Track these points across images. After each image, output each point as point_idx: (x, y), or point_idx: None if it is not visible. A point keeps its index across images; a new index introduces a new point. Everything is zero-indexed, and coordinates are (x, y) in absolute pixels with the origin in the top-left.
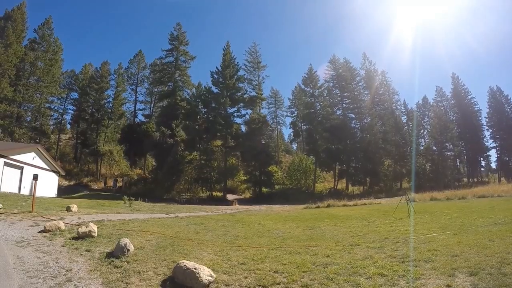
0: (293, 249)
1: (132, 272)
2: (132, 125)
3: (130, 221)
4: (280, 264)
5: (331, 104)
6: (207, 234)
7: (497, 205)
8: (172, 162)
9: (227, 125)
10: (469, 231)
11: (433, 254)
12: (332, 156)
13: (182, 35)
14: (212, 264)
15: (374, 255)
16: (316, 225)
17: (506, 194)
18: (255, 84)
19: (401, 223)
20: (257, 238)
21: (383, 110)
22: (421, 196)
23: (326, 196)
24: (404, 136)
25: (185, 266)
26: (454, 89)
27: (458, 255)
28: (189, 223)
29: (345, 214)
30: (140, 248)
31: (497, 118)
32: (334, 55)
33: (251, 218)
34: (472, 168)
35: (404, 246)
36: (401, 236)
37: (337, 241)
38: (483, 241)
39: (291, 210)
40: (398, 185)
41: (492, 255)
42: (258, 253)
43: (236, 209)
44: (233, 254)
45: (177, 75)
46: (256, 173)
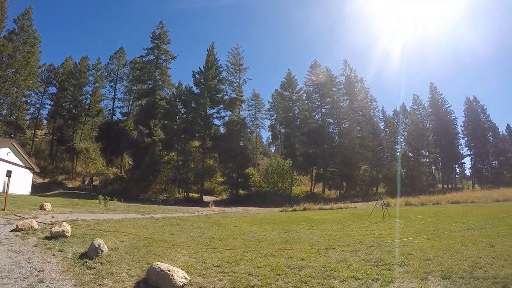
0: (268, 252)
1: (106, 274)
2: (110, 123)
3: (105, 221)
4: (255, 267)
5: (310, 109)
6: (182, 236)
7: (470, 211)
8: (149, 162)
9: (206, 126)
10: (442, 236)
11: (407, 258)
12: (309, 160)
13: (164, 34)
14: (187, 266)
15: (349, 258)
16: (292, 228)
17: (479, 200)
18: (236, 86)
19: (376, 227)
20: (233, 241)
21: (362, 116)
22: (396, 201)
23: (302, 199)
24: (381, 142)
25: (159, 268)
26: (431, 98)
27: (431, 259)
28: (164, 224)
29: (321, 218)
30: (114, 249)
31: (473, 127)
32: (315, 61)
33: (227, 220)
34: (447, 174)
35: (379, 250)
36: (376, 240)
37: (312, 244)
38: (456, 246)
39: (268, 212)
40: (374, 190)
41: (465, 259)
42: (233, 256)
43: (213, 210)
44: (208, 256)
45: (157, 74)
46: (234, 175)
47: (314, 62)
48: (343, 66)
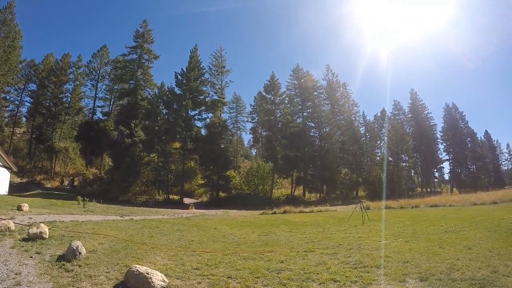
0: (247, 254)
1: (84, 277)
2: (90, 122)
3: (83, 222)
4: (234, 269)
5: (291, 112)
6: (161, 238)
7: (448, 214)
8: (129, 163)
9: (187, 127)
10: (420, 239)
11: (385, 260)
12: (290, 163)
13: (148, 33)
14: (166, 269)
15: (328, 261)
16: (272, 231)
17: (457, 204)
18: (218, 88)
19: (356, 230)
20: (212, 243)
21: (343, 120)
22: (376, 204)
23: (283, 202)
24: (362, 146)
25: (137, 270)
26: (412, 103)
27: (409, 261)
28: (143, 226)
29: (301, 221)
30: (92, 252)
31: (451, 133)
32: (297, 65)
33: (207, 223)
34: (426, 178)
35: (357, 253)
36: (355, 243)
37: (291, 247)
38: (434, 248)
39: (248, 215)
40: (354, 193)
41: (442, 262)
42: (213, 258)
43: (193, 213)
44: (187, 259)
45: (139, 73)
46: (214, 177)
47: (297, 66)
48: (326, 71)
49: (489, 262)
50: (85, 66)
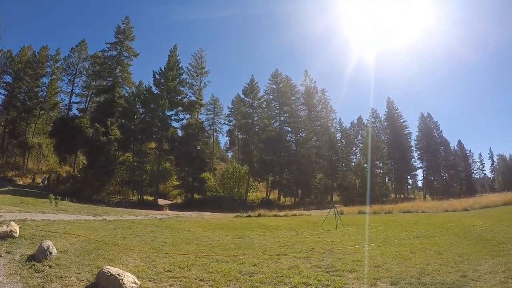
0: (220, 257)
1: (54, 277)
2: (65, 119)
3: (55, 222)
4: (207, 272)
5: (268, 116)
6: (134, 240)
7: (420, 220)
8: (104, 162)
9: (163, 127)
10: (392, 243)
11: (357, 264)
12: (265, 167)
13: (129, 30)
14: (138, 271)
15: (300, 264)
16: (246, 234)
17: (429, 210)
18: (196, 89)
19: (329, 234)
20: (185, 245)
21: (319, 126)
22: (350, 210)
23: (258, 205)
24: (337, 152)
25: (108, 272)
26: (388, 112)
27: (380, 266)
28: (116, 227)
29: (275, 224)
30: (63, 252)
31: (426, 141)
32: (277, 70)
33: (181, 225)
34: (400, 185)
35: (330, 257)
36: (328, 247)
37: (265, 250)
38: (405, 253)
39: (222, 218)
40: (329, 198)
41: (413, 266)
42: (185, 261)
43: (167, 214)
44: (159, 261)
45: (118, 70)
46: (189, 179)
47: (276, 71)
48: (304, 76)
49: (459, 267)
50: (62, 60)
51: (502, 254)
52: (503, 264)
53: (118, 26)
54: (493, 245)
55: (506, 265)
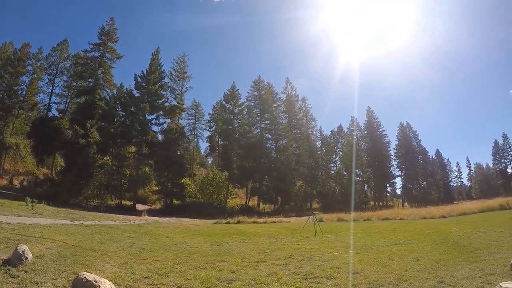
0: (199, 264)
1: (30, 283)
2: (44, 119)
3: (31, 225)
4: (185, 279)
5: (249, 123)
6: (112, 245)
7: (398, 227)
8: (82, 165)
9: (143, 131)
10: (371, 250)
11: (335, 271)
12: (245, 173)
13: (113, 31)
14: (115, 277)
15: (279, 271)
16: (225, 240)
17: (408, 217)
18: (177, 93)
19: (308, 241)
20: (163, 252)
21: (300, 134)
22: (329, 217)
23: (237, 212)
24: (317, 160)
25: (85, 278)
26: (368, 121)
27: (359, 272)
28: (94, 232)
29: (254, 231)
30: (39, 257)
31: (404, 150)
32: (259, 77)
33: (159, 231)
34: (379, 192)
35: (309, 264)
36: (306, 254)
37: (243, 257)
38: (383, 260)
39: (201, 224)
40: (308, 205)
41: (391, 273)
42: (163, 267)
43: (145, 220)
44: (137, 267)
45: (99, 72)
46: (169, 184)
47: (258, 78)
48: (285, 84)
49: (436, 273)
50: (44, 59)
51: (479, 260)
52: (479, 269)
53: (103, 27)
54: (470, 251)
55: (483, 270)
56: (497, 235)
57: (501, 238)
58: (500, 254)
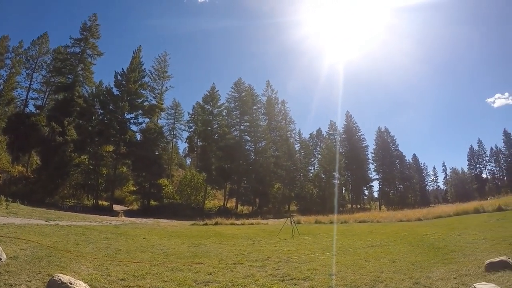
0: (176, 265)
1: (3, 285)
2: (21, 115)
3: (5, 225)
4: (161, 281)
5: (228, 124)
6: (87, 246)
7: (375, 230)
8: (59, 163)
9: (122, 130)
10: (347, 252)
11: (312, 273)
12: (224, 175)
13: (95, 27)
14: (90, 279)
15: (256, 273)
16: (202, 242)
17: (384, 220)
18: (157, 92)
19: (285, 243)
20: (140, 253)
21: (279, 136)
22: (307, 219)
23: (215, 213)
24: (296, 162)
25: (60, 280)
26: (346, 125)
27: (335, 274)
28: (69, 232)
29: (231, 233)
30: (13, 258)
31: (382, 154)
32: (240, 78)
33: (136, 232)
34: (356, 195)
35: (286, 265)
36: (284, 256)
37: (221, 259)
38: (360, 262)
39: (179, 225)
40: (287, 207)
41: (367, 274)
42: (140, 269)
43: (122, 221)
44: (113, 269)
45: (79, 68)
46: (146, 185)
47: (239, 80)
48: (266, 86)
49: (411, 274)
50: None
51: (453, 262)
52: (454, 271)
53: (85, 22)
54: (445, 253)
55: (457, 271)
56: (471, 238)
57: (475, 240)
58: (474, 256)
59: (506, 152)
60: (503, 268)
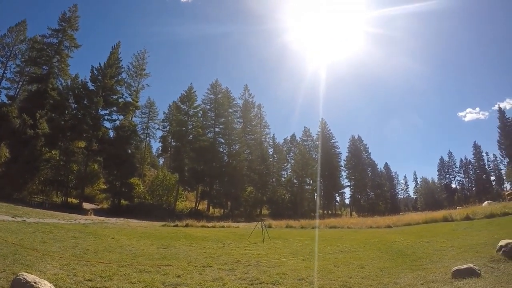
0: (144, 267)
1: None
2: None
3: None
4: (128, 282)
5: (203, 126)
6: (54, 245)
7: (345, 235)
8: (28, 157)
9: (95, 126)
10: (317, 257)
11: (281, 277)
12: (196, 177)
13: (75, 19)
14: (56, 279)
15: (225, 277)
16: (172, 244)
17: (354, 226)
18: (133, 90)
19: (255, 247)
20: (108, 254)
21: (253, 140)
22: (278, 223)
23: (186, 215)
24: (269, 166)
25: (24, 279)
26: (320, 132)
27: (304, 279)
28: (36, 230)
29: (202, 235)
30: None
31: (354, 162)
32: (216, 80)
33: (105, 231)
34: (328, 201)
35: (255, 269)
36: (253, 260)
37: (190, 261)
38: (329, 267)
39: (149, 226)
40: (258, 211)
41: (336, 279)
42: (107, 270)
43: (91, 219)
44: (80, 269)
45: (55, 60)
46: (117, 183)
47: (215, 81)
48: (243, 90)
49: (379, 280)
50: None
51: (421, 268)
52: (421, 277)
53: (64, 12)
54: (413, 260)
55: (425, 278)
56: (439, 245)
57: (443, 248)
58: (441, 263)
59: (475, 164)
60: (469, 275)
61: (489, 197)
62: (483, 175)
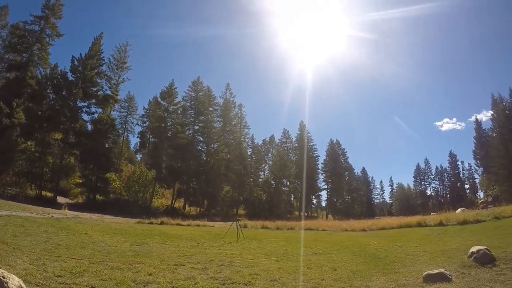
0: (116, 264)
1: None
2: None
3: None
4: (99, 279)
5: (183, 123)
6: (26, 239)
7: (320, 238)
8: (3, 147)
9: (72, 118)
10: (291, 259)
11: (254, 278)
12: (173, 174)
13: (58, 7)
14: (25, 274)
15: (197, 276)
16: (145, 241)
17: (330, 229)
18: (113, 83)
19: (229, 247)
20: (80, 249)
21: (232, 139)
22: (254, 224)
23: (162, 213)
24: (247, 167)
25: None
26: (300, 134)
27: (276, 280)
28: (8, 223)
29: (176, 233)
30: None
31: (332, 166)
32: (198, 78)
33: (78, 227)
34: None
35: (228, 269)
36: (227, 259)
37: (162, 259)
38: (302, 268)
39: (123, 222)
40: (235, 211)
41: (308, 281)
42: (78, 266)
43: (65, 214)
44: (50, 264)
45: (36, 47)
46: (93, 178)
47: (197, 79)
48: (224, 89)
49: (351, 282)
50: None
51: (393, 272)
52: (393, 281)
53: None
54: (386, 263)
55: (396, 282)
56: (412, 250)
57: (415, 252)
58: (414, 267)
59: (450, 172)
60: (440, 280)
61: (463, 205)
62: (458, 183)
